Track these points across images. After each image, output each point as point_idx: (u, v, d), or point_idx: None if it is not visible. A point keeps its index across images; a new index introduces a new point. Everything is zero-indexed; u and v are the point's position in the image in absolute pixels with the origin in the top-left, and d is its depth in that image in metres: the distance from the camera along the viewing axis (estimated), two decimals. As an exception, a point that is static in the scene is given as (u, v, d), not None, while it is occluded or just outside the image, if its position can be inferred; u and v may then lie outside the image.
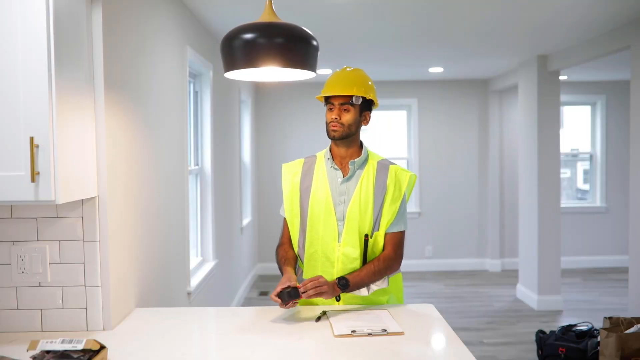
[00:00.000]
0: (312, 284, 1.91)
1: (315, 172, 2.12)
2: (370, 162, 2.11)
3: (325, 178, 2.10)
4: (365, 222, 2.05)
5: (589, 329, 3.61)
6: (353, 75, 2.06)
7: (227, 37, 1.69)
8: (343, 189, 2.08)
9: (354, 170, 2.08)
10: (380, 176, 2.08)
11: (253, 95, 6.69)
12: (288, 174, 2.17)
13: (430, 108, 7.04)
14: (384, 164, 2.12)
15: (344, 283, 1.99)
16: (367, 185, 2.06)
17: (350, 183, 2.08)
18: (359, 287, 2.04)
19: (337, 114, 2.03)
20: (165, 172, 2.79)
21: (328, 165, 2.11)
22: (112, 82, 1.98)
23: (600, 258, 7.13)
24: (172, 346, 1.76)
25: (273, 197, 6.93)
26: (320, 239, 2.07)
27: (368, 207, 2.05)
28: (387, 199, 2.06)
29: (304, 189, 2.12)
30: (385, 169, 2.10)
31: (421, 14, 3.73)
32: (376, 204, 2.05)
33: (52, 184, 1.53)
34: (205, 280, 3.71)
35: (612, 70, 6.18)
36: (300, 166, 2.17)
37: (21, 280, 1.88)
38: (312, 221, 2.08)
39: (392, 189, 2.07)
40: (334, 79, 2.06)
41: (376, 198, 2.06)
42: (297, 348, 1.72)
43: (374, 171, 2.09)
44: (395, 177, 2.08)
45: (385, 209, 2.06)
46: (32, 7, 1.49)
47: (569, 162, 7.92)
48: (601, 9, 3.67)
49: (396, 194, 2.07)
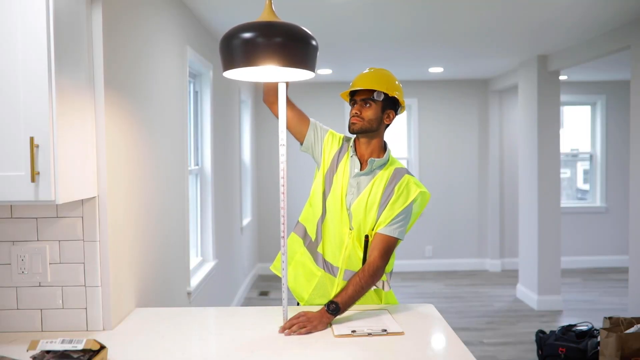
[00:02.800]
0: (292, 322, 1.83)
1: (346, 154, 2.13)
2: (388, 167, 2.09)
3: (347, 165, 2.11)
4: (367, 222, 2.04)
5: (589, 329, 3.61)
6: (378, 73, 2.08)
7: (226, 36, 1.69)
8: (354, 181, 2.07)
9: (371, 168, 2.07)
10: (392, 182, 2.05)
11: (253, 95, 6.69)
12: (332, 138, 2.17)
13: (430, 108, 7.04)
14: (400, 171, 2.08)
15: (334, 308, 1.86)
16: (378, 188, 2.04)
17: (363, 179, 2.07)
18: (350, 305, 1.90)
19: (358, 109, 2.05)
20: (165, 172, 2.79)
21: (351, 154, 2.12)
22: (112, 82, 1.98)
23: (600, 258, 7.13)
24: (172, 346, 1.76)
25: (273, 197, 6.93)
26: (335, 221, 2.07)
27: (372, 208, 2.03)
28: (389, 202, 2.03)
29: (333, 165, 2.13)
30: (400, 176, 2.06)
31: (421, 14, 3.73)
32: (380, 208, 2.04)
33: (52, 184, 1.53)
34: (205, 280, 3.72)
35: (612, 70, 6.18)
36: (340, 142, 2.18)
37: (21, 280, 1.88)
38: (332, 196, 2.09)
39: (397, 194, 2.02)
40: (359, 76, 2.08)
41: (382, 202, 2.03)
42: (297, 348, 1.72)
43: (389, 176, 2.06)
44: (405, 186, 2.03)
45: (384, 211, 2.03)
46: (32, 7, 1.49)
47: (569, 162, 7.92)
48: (601, 9, 3.67)
49: (400, 200, 2.01)
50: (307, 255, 2.17)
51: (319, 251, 2.13)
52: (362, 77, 2.07)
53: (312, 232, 2.16)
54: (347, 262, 2.07)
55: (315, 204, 2.14)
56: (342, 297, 1.88)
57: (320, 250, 2.13)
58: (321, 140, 2.17)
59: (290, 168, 6.91)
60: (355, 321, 1.91)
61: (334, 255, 2.09)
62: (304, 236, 2.20)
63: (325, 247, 2.12)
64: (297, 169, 6.78)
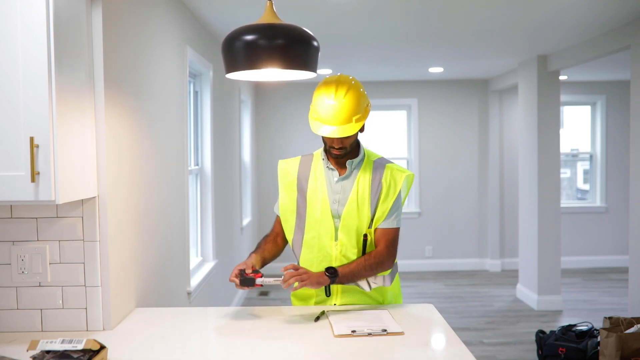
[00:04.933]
0: (290, 274, 1.90)
1: (312, 170, 2.12)
2: (367, 161, 2.11)
3: (323, 177, 2.10)
4: (362, 221, 2.05)
5: (589, 329, 3.61)
6: (348, 106, 1.94)
7: (228, 39, 1.69)
8: (338, 188, 2.08)
9: (351, 170, 2.08)
10: (376, 175, 2.07)
11: (253, 95, 6.69)
12: (285, 170, 2.16)
13: (430, 108, 7.04)
14: (380, 162, 2.12)
15: (333, 272, 1.96)
16: (364, 184, 2.06)
17: (347, 182, 2.08)
18: (349, 279, 2.00)
19: (339, 144, 2.00)
20: (165, 172, 2.79)
21: (324, 165, 2.11)
22: (112, 82, 1.98)
23: (600, 258, 7.13)
24: (172, 346, 1.76)
25: (273, 197, 6.90)
26: (317, 238, 2.07)
27: (364, 206, 2.05)
28: (381, 197, 2.06)
29: (301, 187, 2.11)
30: (382, 167, 2.09)
31: (421, 14, 3.73)
32: (372, 203, 2.06)
33: (52, 184, 1.53)
34: (205, 280, 3.72)
35: (612, 70, 6.18)
36: (297, 164, 2.16)
37: (21, 280, 1.88)
38: (310, 220, 2.08)
39: (385, 187, 2.06)
40: (327, 113, 1.93)
41: (372, 197, 2.06)
42: (297, 348, 1.72)
43: (371, 170, 2.08)
44: (390, 176, 2.07)
45: (378, 207, 2.06)
46: (32, 7, 1.49)
47: (569, 162, 7.92)
48: (601, 9, 3.67)
49: (390, 192, 2.06)
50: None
51: None
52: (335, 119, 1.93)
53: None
54: None
55: (288, 230, 2.14)
56: (343, 268, 1.99)
57: None
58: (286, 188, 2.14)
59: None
60: (355, 321, 1.91)
61: (322, 260, 2.08)
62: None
63: (307, 266, 2.10)
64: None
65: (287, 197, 2.14)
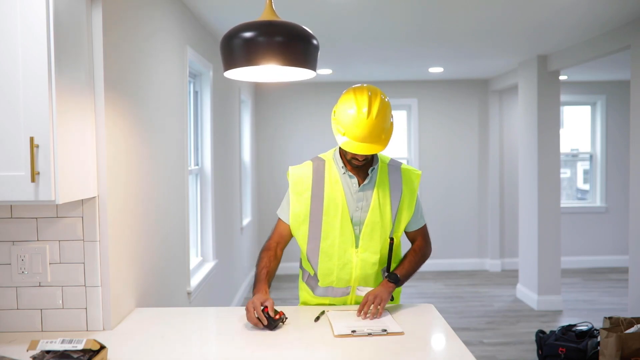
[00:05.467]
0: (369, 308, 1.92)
1: (327, 176, 2.06)
2: (381, 165, 2.09)
3: (339, 183, 2.04)
4: (385, 227, 2.05)
5: (589, 329, 3.61)
6: (380, 124, 1.90)
7: (227, 36, 1.69)
8: (361, 195, 2.04)
9: (371, 177, 2.05)
10: (393, 178, 2.08)
11: (253, 95, 6.69)
12: (297, 177, 2.07)
13: (430, 108, 7.04)
14: (394, 165, 2.12)
15: (395, 278, 2.03)
16: (384, 189, 2.05)
17: (367, 189, 2.05)
18: (406, 279, 2.09)
19: (363, 157, 1.97)
20: (165, 172, 2.79)
21: (341, 172, 2.05)
22: (112, 82, 1.98)
23: (600, 258, 7.13)
24: (172, 346, 1.76)
25: (273, 197, 6.93)
26: (336, 246, 2.03)
27: (386, 211, 2.04)
28: (404, 202, 2.07)
29: (315, 194, 2.04)
30: (397, 170, 2.10)
31: (421, 13, 3.73)
32: (393, 207, 2.05)
33: (52, 184, 1.53)
34: (205, 280, 3.71)
35: (612, 70, 6.18)
36: (310, 170, 2.07)
37: (21, 280, 1.88)
38: (327, 228, 2.03)
39: (406, 191, 2.08)
40: (358, 130, 1.88)
41: (392, 201, 2.05)
42: (297, 348, 1.72)
43: (387, 174, 2.08)
44: (408, 178, 2.10)
45: (403, 212, 2.07)
46: (32, 7, 1.49)
47: (569, 162, 7.92)
48: (601, 9, 3.67)
49: (413, 196, 2.10)
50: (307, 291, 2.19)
51: (320, 285, 2.12)
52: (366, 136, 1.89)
53: (307, 267, 2.15)
54: (359, 281, 2.09)
55: (301, 239, 2.09)
56: (399, 271, 2.07)
57: (321, 282, 2.11)
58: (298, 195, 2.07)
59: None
60: (356, 321, 1.91)
61: (340, 279, 2.08)
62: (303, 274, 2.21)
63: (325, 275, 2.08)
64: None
65: (299, 204, 2.05)
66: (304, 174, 2.07)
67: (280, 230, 2.13)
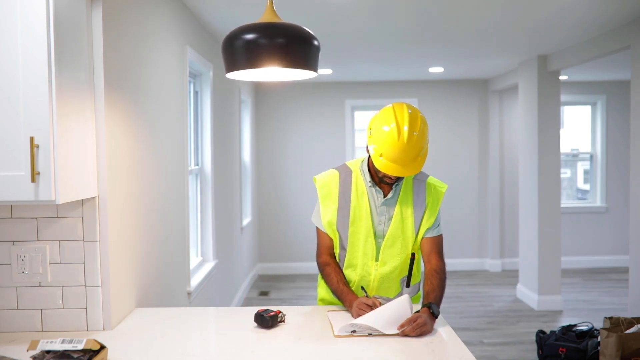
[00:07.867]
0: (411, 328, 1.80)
1: (353, 186, 2.05)
2: (406, 179, 2.06)
3: (365, 195, 2.03)
4: (406, 240, 2.05)
5: (589, 329, 3.61)
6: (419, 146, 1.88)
7: (229, 38, 1.69)
8: (384, 209, 2.04)
9: (395, 191, 2.04)
10: (418, 193, 2.06)
11: (253, 95, 6.69)
12: (325, 185, 2.07)
13: (430, 108, 7.04)
14: (420, 178, 2.09)
15: (434, 308, 1.88)
16: (407, 202, 2.04)
17: (390, 203, 2.04)
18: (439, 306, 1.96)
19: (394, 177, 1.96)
20: (165, 172, 2.79)
21: (367, 185, 2.04)
22: (112, 82, 1.98)
23: (600, 258, 7.13)
24: (172, 346, 1.76)
25: (273, 197, 6.93)
26: (360, 256, 2.05)
27: (408, 225, 2.04)
28: (426, 215, 2.06)
29: (343, 204, 2.04)
30: (422, 184, 2.08)
31: (421, 14, 3.73)
32: (416, 221, 2.05)
33: (52, 184, 1.53)
34: (205, 280, 3.71)
35: (612, 70, 6.18)
36: (337, 179, 2.07)
37: (21, 280, 1.88)
38: (353, 238, 2.05)
39: (430, 205, 2.07)
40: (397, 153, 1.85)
41: (415, 215, 2.05)
42: (296, 348, 1.72)
43: (411, 187, 2.06)
44: (435, 193, 2.08)
45: (423, 223, 2.07)
46: (32, 7, 1.49)
47: (569, 162, 7.92)
48: (601, 9, 3.67)
49: (434, 209, 2.08)
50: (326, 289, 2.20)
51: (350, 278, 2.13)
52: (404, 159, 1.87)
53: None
54: (376, 290, 2.10)
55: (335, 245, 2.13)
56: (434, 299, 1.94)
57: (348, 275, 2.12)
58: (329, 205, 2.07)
59: (291, 167, 6.91)
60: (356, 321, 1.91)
61: (358, 289, 2.10)
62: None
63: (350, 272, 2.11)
64: (298, 170, 6.79)
65: (328, 214, 2.06)
66: (331, 182, 2.08)
67: (322, 240, 2.14)
